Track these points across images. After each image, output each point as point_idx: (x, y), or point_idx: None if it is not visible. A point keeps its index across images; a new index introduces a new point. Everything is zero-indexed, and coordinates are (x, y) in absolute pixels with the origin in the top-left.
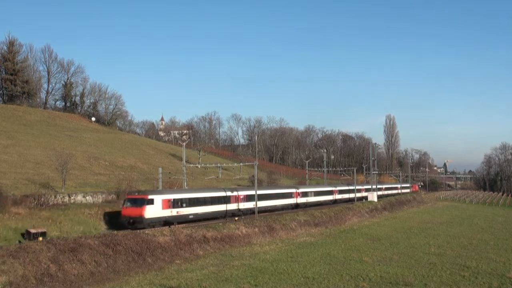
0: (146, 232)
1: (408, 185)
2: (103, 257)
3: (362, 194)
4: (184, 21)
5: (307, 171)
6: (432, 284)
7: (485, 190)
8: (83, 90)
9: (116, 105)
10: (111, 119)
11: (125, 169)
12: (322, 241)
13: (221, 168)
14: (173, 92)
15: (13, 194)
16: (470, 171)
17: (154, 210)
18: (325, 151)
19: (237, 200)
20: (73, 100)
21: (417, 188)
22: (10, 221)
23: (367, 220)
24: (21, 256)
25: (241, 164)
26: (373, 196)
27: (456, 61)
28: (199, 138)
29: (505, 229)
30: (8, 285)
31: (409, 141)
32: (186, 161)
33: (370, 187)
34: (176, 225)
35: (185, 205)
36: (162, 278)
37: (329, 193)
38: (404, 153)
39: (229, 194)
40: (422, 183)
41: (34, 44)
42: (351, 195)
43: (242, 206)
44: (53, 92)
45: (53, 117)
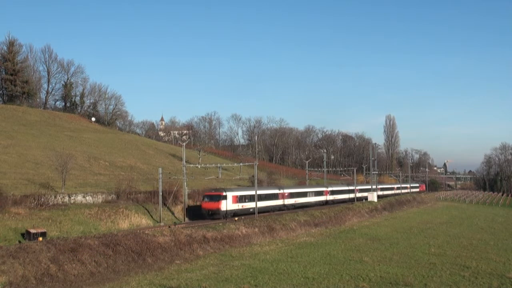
0: (146, 232)
1: (417, 184)
2: (103, 257)
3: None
4: (184, 21)
5: (307, 171)
6: (432, 284)
7: (485, 190)
8: (83, 90)
9: (116, 105)
10: (111, 119)
11: (125, 169)
12: (322, 241)
13: (221, 168)
14: (173, 92)
15: (13, 194)
16: (470, 171)
17: (227, 204)
18: (325, 151)
19: (283, 196)
20: (73, 100)
21: (424, 188)
22: (10, 221)
23: (367, 220)
24: (21, 256)
25: (241, 164)
26: (373, 196)
27: (456, 61)
28: (199, 138)
29: (505, 229)
30: (8, 285)
31: (409, 141)
32: (186, 161)
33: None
34: (177, 226)
35: (247, 200)
36: (162, 278)
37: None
38: (404, 153)
39: (276, 191)
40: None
41: (34, 44)
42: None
43: (287, 202)
44: (53, 92)
45: (53, 117)
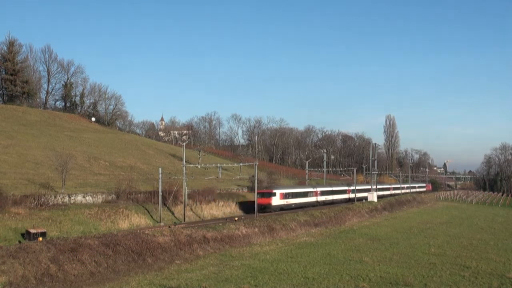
0: (146, 232)
1: (424, 184)
2: (103, 257)
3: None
4: (184, 21)
5: (307, 171)
6: (432, 284)
7: (485, 190)
8: (83, 90)
9: (116, 105)
10: (111, 119)
11: (125, 169)
12: (322, 241)
13: (221, 168)
14: (173, 92)
15: (13, 194)
16: (470, 172)
17: (276, 200)
18: (325, 151)
19: (316, 194)
20: (73, 100)
21: (431, 187)
22: (10, 221)
23: (367, 220)
24: (21, 256)
25: (241, 164)
26: (373, 196)
27: (456, 61)
28: (199, 138)
29: (505, 229)
30: (8, 285)
31: (409, 141)
32: (186, 161)
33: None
34: (177, 226)
35: (290, 197)
36: (162, 278)
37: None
38: (404, 153)
39: (311, 190)
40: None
41: (34, 44)
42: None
43: (319, 199)
44: (53, 92)
45: (53, 117)
